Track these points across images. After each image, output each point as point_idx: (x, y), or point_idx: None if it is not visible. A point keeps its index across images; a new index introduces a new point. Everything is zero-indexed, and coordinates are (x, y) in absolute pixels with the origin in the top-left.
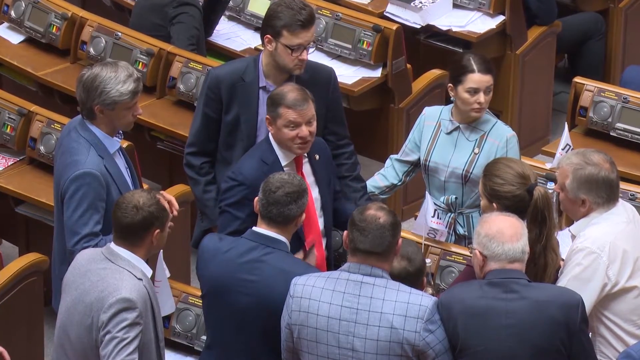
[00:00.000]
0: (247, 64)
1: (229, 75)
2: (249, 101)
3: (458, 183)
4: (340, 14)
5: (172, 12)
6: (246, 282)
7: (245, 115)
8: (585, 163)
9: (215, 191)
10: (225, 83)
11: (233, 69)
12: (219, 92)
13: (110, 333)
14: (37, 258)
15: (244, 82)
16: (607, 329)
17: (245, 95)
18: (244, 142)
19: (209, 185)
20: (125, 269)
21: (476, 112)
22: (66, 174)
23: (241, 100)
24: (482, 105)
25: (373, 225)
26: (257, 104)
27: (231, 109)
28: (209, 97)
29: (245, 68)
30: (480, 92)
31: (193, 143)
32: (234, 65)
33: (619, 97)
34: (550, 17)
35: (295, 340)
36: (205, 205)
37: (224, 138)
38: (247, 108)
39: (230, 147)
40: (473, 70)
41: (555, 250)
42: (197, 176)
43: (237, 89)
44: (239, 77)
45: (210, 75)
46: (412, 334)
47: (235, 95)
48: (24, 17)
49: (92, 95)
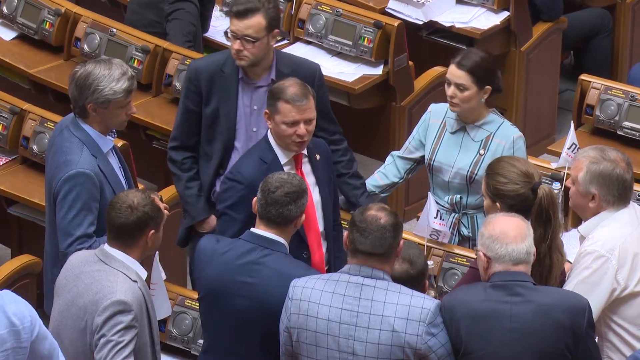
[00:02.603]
0: (227, 56)
1: (208, 66)
2: (228, 93)
3: (462, 184)
4: (341, 9)
5: (168, 8)
6: (244, 285)
7: (225, 108)
8: (602, 158)
9: (197, 187)
10: (204, 74)
11: (213, 61)
12: (198, 84)
13: (105, 336)
14: (30, 260)
15: (223, 74)
16: (614, 333)
17: (224, 87)
18: (223, 135)
19: (191, 182)
20: (119, 271)
21: (450, 105)
22: (59, 174)
23: (220, 92)
24: (453, 100)
25: (374, 226)
26: (237, 96)
27: (210, 101)
28: (189, 89)
29: (225, 60)
30: (451, 84)
31: (175, 137)
32: (214, 57)
33: (626, 95)
34: (555, 13)
35: (294, 343)
36: (187, 202)
37: (204, 131)
38: (226, 100)
39: (211, 140)
40: (453, 62)
41: (561, 251)
42: (179, 172)
43: (215, 81)
44: (218, 69)
45: (190, 67)
46: (414, 338)
47: (215, 86)
48: (16, 13)
49: (85, 93)
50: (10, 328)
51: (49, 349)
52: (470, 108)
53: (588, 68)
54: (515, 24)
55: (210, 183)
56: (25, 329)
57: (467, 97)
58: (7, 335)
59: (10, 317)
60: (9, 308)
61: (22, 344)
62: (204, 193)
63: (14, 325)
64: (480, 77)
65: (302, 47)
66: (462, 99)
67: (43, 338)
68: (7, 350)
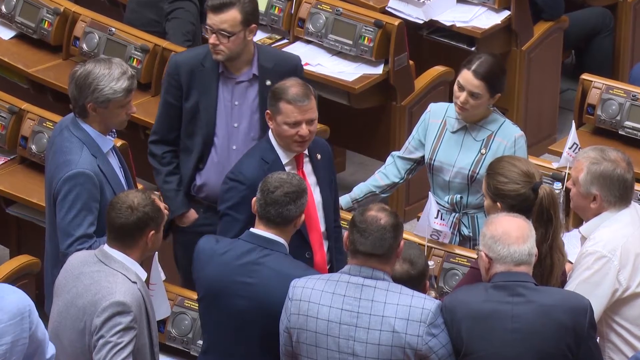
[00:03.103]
0: (207, 50)
1: (188, 60)
2: (208, 88)
3: (463, 183)
4: (341, 9)
5: (168, 7)
6: (244, 285)
7: (204, 103)
8: (602, 158)
9: (177, 182)
10: (184, 68)
11: (193, 54)
12: (178, 78)
13: (103, 337)
14: (29, 260)
15: (203, 68)
16: (616, 334)
17: (204, 82)
18: (203, 130)
19: (170, 176)
20: (119, 271)
21: (458, 109)
22: (58, 174)
23: (200, 86)
24: (463, 105)
25: (374, 226)
26: (217, 91)
27: (191, 95)
28: (169, 84)
29: (206, 54)
30: (464, 91)
31: (155, 131)
32: (195, 51)
33: (627, 94)
34: (557, 12)
35: (294, 344)
36: (166, 196)
37: (184, 126)
38: (206, 94)
39: (191, 135)
40: (469, 68)
41: (562, 251)
42: (158, 166)
43: (196, 75)
44: (198, 63)
45: (171, 61)
46: (414, 338)
47: (195, 80)
48: (14, 12)
49: (85, 93)
50: (11, 321)
51: (42, 335)
52: (477, 112)
53: (589, 67)
54: (516, 23)
55: (190, 177)
56: (24, 319)
57: (479, 105)
58: (9, 327)
59: (10, 309)
60: (9, 299)
61: (23, 334)
62: (184, 187)
63: (15, 316)
64: (495, 86)
65: (302, 47)
66: (474, 106)
67: (38, 326)
68: (7, 344)
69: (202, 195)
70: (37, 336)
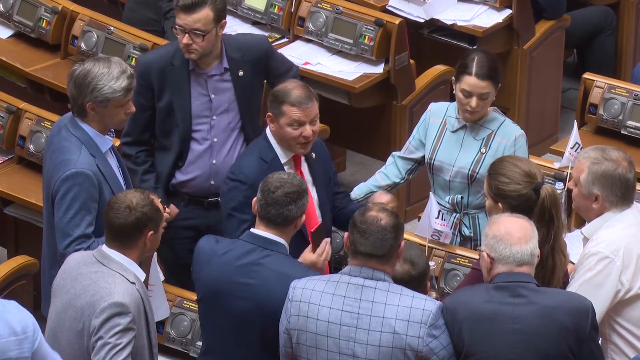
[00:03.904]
0: (175, 48)
1: (157, 60)
2: (180, 86)
3: (464, 183)
4: (341, 7)
5: (167, 6)
6: (243, 286)
7: (178, 101)
8: (603, 158)
9: (153, 179)
10: (154, 69)
11: (161, 54)
12: (149, 79)
13: (102, 339)
14: (27, 261)
15: (173, 67)
16: (619, 335)
17: (175, 80)
18: (180, 127)
19: (146, 174)
20: (117, 272)
21: (468, 115)
22: (57, 173)
23: (172, 85)
24: (475, 109)
25: (374, 227)
26: (189, 88)
27: (163, 95)
28: (140, 85)
29: (174, 52)
30: (473, 96)
31: (128, 133)
32: (163, 50)
33: (630, 93)
34: (558, 10)
35: (294, 345)
36: None
37: (159, 125)
38: (179, 93)
39: (167, 133)
40: (470, 73)
41: (564, 252)
42: (133, 166)
43: (166, 74)
44: (168, 62)
45: (139, 62)
46: (415, 340)
47: (166, 80)
48: (12, 10)
49: (84, 92)
50: (13, 337)
51: (45, 352)
52: (485, 111)
53: (591, 66)
54: (517, 22)
55: (168, 174)
56: (28, 338)
57: (488, 103)
58: (11, 344)
59: (14, 327)
60: (13, 317)
61: (24, 354)
62: (161, 184)
63: (17, 334)
64: (497, 79)
65: (301, 45)
66: (483, 107)
67: (41, 346)
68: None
69: (184, 190)
70: (41, 353)
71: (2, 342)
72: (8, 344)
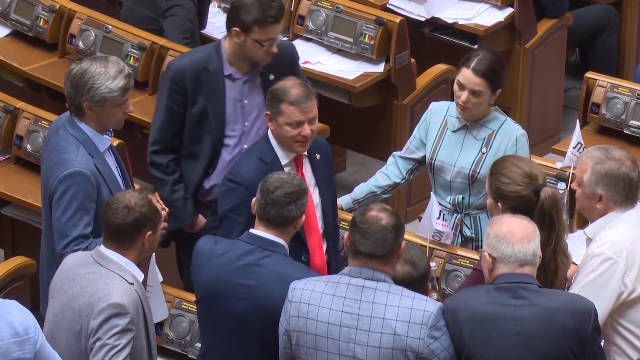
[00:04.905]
0: (209, 52)
1: (191, 65)
2: (215, 91)
3: (465, 183)
4: (341, 6)
5: (165, 4)
6: (243, 287)
7: (213, 106)
8: (607, 157)
9: (183, 190)
10: (188, 74)
11: (195, 59)
12: (183, 84)
13: (100, 340)
14: (24, 262)
15: (208, 72)
16: (622, 337)
17: (210, 85)
18: (213, 134)
19: (176, 185)
20: (115, 273)
21: (460, 109)
22: (55, 173)
23: (207, 90)
24: (465, 104)
25: (375, 227)
26: (224, 93)
27: (197, 100)
28: (173, 90)
29: (207, 57)
30: (465, 90)
31: (158, 141)
32: (196, 55)
33: (633, 93)
34: (561, 9)
35: (293, 347)
36: (174, 205)
37: (189, 131)
38: (213, 99)
39: (198, 140)
40: (468, 66)
41: (566, 253)
42: (163, 175)
43: (201, 79)
44: (202, 67)
45: (172, 67)
46: (415, 341)
47: (200, 85)
48: (9, 9)
49: (81, 91)
50: (16, 338)
51: (47, 353)
52: (479, 110)
53: (594, 65)
54: (519, 21)
55: (197, 183)
56: (30, 339)
57: (481, 102)
58: (13, 345)
59: (16, 327)
60: (14, 317)
61: (27, 355)
62: (190, 194)
63: (19, 335)
64: (495, 82)
65: (301, 44)
66: (476, 104)
67: (43, 347)
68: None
69: (210, 198)
70: (42, 354)
71: (4, 343)
72: (10, 345)
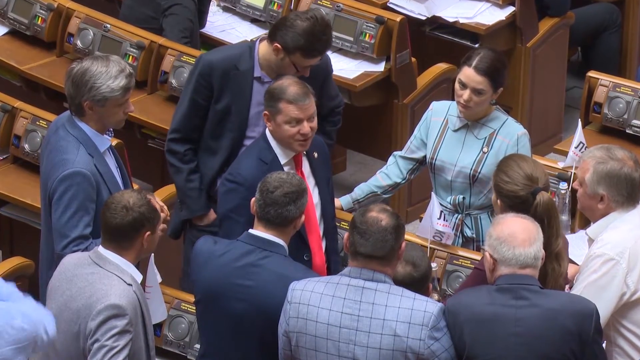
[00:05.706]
0: (241, 52)
1: (222, 62)
2: (242, 91)
3: (465, 183)
4: (342, 4)
5: (165, 3)
6: (242, 288)
7: (237, 106)
8: (609, 157)
9: (199, 180)
10: (218, 70)
11: (227, 56)
12: (210, 79)
13: (99, 341)
14: (22, 262)
15: (237, 71)
16: (624, 338)
17: (238, 85)
18: (234, 133)
19: (192, 174)
20: (114, 273)
21: (461, 108)
22: (54, 173)
23: (234, 89)
24: (467, 103)
25: (375, 228)
26: (251, 94)
27: (222, 97)
28: (200, 84)
29: (239, 56)
30: (467, 88)
31: (177, 129)
32: (228, 52)
33: (635, 92)
34: (562, 8)
35: (293, 348)
36: (188, 195)
37: (211, 126)
38: (239, 98)
39: (218, 136)
40: (470, 65)
41: (559, 260)
42: (180, 164)
43: (230, 77)
44: (232, 65)
45: (203, 61)
46: (416, 342)
47: (228, 83)
48: (7, 8)
49: (82, 91)
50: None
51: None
52: (480, 109)
53: (596, 65)
54: (521, 20)
55: (213, 178)
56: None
57: (483, 101)
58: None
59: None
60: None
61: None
62: (205, 187)
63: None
64: (497, 80)
65: None
66: (477, 103)
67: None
68: None
69: None
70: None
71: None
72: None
